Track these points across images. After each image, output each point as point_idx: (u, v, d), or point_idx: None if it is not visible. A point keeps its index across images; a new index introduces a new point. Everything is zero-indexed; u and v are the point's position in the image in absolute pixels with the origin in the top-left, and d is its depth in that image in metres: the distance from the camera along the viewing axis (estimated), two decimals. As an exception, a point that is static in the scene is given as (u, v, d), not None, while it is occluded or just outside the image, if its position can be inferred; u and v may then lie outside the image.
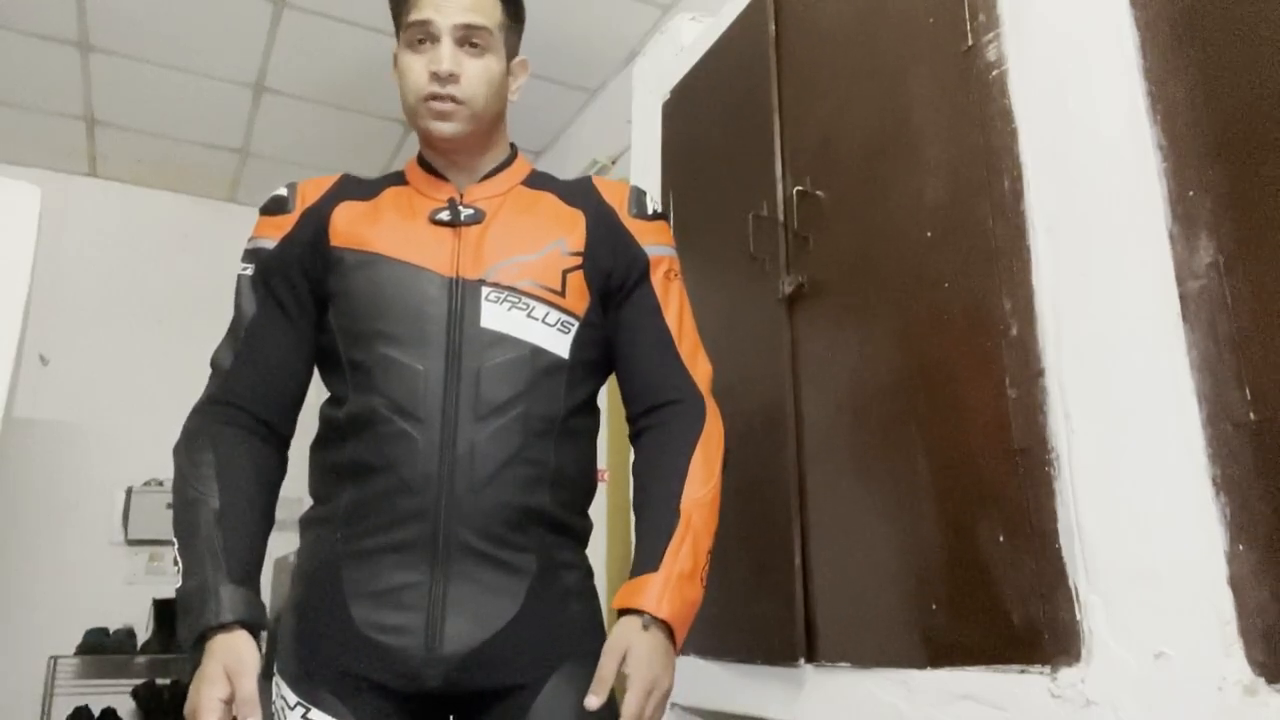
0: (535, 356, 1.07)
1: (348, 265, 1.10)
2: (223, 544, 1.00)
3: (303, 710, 1.00)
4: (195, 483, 1.04)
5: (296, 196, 1.15)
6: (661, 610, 0.99)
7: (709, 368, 1.18)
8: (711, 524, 1.07)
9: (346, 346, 1.09)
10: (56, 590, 3.75)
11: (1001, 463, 1.13)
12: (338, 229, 1.12)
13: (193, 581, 0.99)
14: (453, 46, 1.10)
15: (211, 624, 0.96)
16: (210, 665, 0.95)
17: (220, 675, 0.94)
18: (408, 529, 1.02)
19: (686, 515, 1.05)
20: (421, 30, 1.11)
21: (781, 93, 1.69)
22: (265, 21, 3.24)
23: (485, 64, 1.12)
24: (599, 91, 3.64)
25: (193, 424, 1.10)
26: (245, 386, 1.10)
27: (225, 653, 0.95)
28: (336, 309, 1.11)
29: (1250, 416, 0.89)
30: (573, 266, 1.12)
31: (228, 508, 1.03)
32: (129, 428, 3.89)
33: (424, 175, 1.18)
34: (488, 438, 1.04)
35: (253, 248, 1.15)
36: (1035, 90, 1.17)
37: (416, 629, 1.00)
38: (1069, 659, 1.02)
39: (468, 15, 1.11)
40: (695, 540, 1.04)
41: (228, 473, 1.05)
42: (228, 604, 0.97)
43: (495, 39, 1.14)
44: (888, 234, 1.38)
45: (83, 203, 4.14)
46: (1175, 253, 0.98)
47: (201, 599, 0.97)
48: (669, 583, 1.01)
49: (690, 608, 1.03)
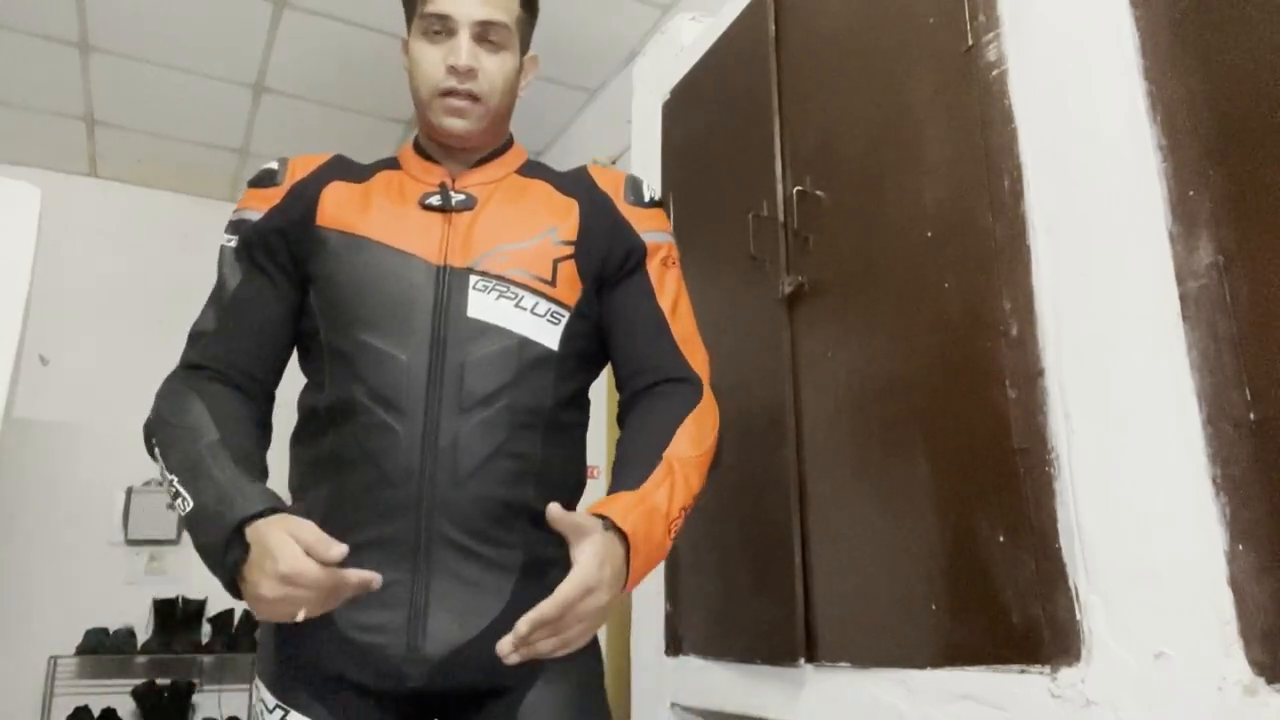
0: (523, 347, 1.05)
1: (332, 247, 1.07)
2: (232, 460, 0.94)
3: (282, 713, 0.98)
4: (186, 421, 0.99)
5: (286, 171, 1.13)
6: (626, 523, 0.92)
7: (706, 355, 1.15)
8: (693, 486, 1.01)
9: (327, 332, 1.06)
10: (56, 590, 3.75)
11: (1001, 463, 1.13)
12: (326, 209, 1.09)
13: (207, 494, 0.91)
14: (471, 42, 1.09)
15: (247, 514, 0.88)
16: (269, 541, 0.86)
17: (282, 536, 0.85)
18: (389, 524, 0.99)
19: (668, 462, 1.00)
20: (439, 22, 1.09)
21: (781, 93, 1.69)
22: (265, 21, 3.24)
23: (501, 61, 1.11)
24: (599, 91, 3.64)
25: (168, 386, 1.05)
26: (228, 353, 1.07)
27: (276, 528, 0.87)
28: (318, 292, 1.08)
29: (1250, 416, 0.89)
30: (564, 256, 1.10)
31: (228, 437, 0.97)
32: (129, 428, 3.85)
33: (417, 159, 1.16)
34: (471, 430, 1.00)
35: (237, 219, 1.12)
36: (1035, 90, 1.17)
37: (398, 627, 0.97)
38: (1069, 659, 1.02)
39: (488, 11, 1.09)
40: (674, 488, 0.98)
41: (219, 412, 1.00)
42: (256, 496, 0.90)
43: (512, 35, 1.12)
44: (888, 234, 1.38)
45: (83, 203, 4.14)
46: (1175, 253, 0.98)
47: (226, 501, 0.90)
48: (640, 505, 0.94)
49: (653, 546, 0.95)
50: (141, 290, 4.18)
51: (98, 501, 3.93)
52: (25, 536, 3.75)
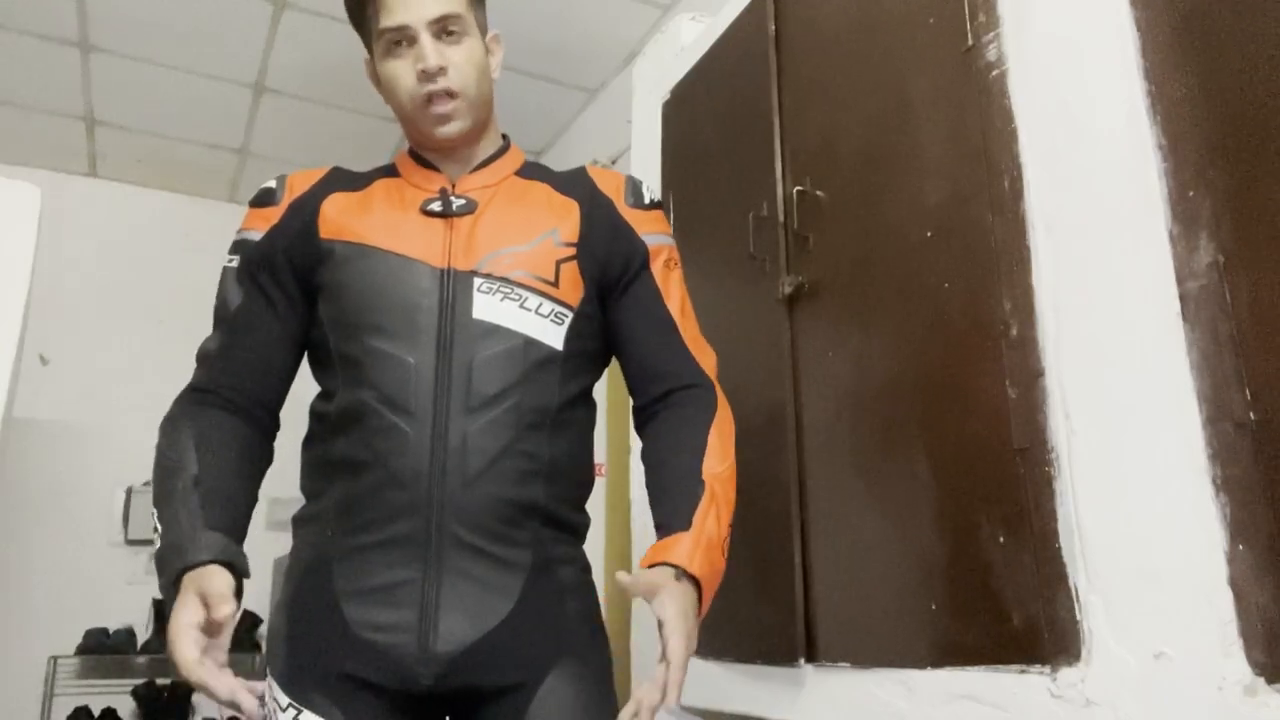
0: (528, 348, 1.06)
1: (338, 257, 1.09)
2: (200, 504, 0.99)
3: (294, 712, 0.99)
4: (172, 455, 1.03)
5: (285, 189, 1.15)
6: (694, 566, 0.97)
7: (713, 355, 1.17)
8: (731, 500, 1.05)
9: (336, 340, 1.08)
10: (56, 590, 3.74)
11: (1001, 463, 1.13)
12: (328, 221, 1.11)
13: (169, 538, 0.97)
14: (432, 41, 1.09)
15: (188, 564, 0.94)
16: (183, 595, 0.92)
17: (193, 600, 0.91)
18: (399, 524, 1.00)
19: (710, 486, 1.03)
20: (397, 34, 1.10)
21: (781, 92, 1.69)
22: (265, 21, 3.24)
23: (467, 49, 1.12)
24: (599, 91, 3.64)
25: (172, 411, 1.09)
26: (228, 376, 1.09)
27: (197, 581, 0.92)
28: (326, 301, 1.10)
29: (1250, 416, 0.89)
30: (566, 257, 1.11)
31: (205, 473, 1.01)
32: (129, 428, 3.88)
33: (415, 166, 1.17)
34: (479, 430, 1.02)
35: (239, 239, 1.14)
36: (1035, 90, 1.17)
37: (409, 627, 0.99)
38: (1069, 659, 1.02)
39: (438, 7, 1.10)
40: (719, 511, 1.02)
41: (205, 444, 1.04)
42: (204, 546, 0.95)
43: (468, 22, 1.13)
44: (888, 234, 1.38)
45: (83, 203, 4.13)
46: (1175, 253, 0.98)
47: (178, 549, 0.95)
48: (700, 543, 0.99)
49: (716, 576, 1.01)
50: (141, 290, 4.17)
51: (98, 501, 3.93)
52: (25, 536, 3.75)
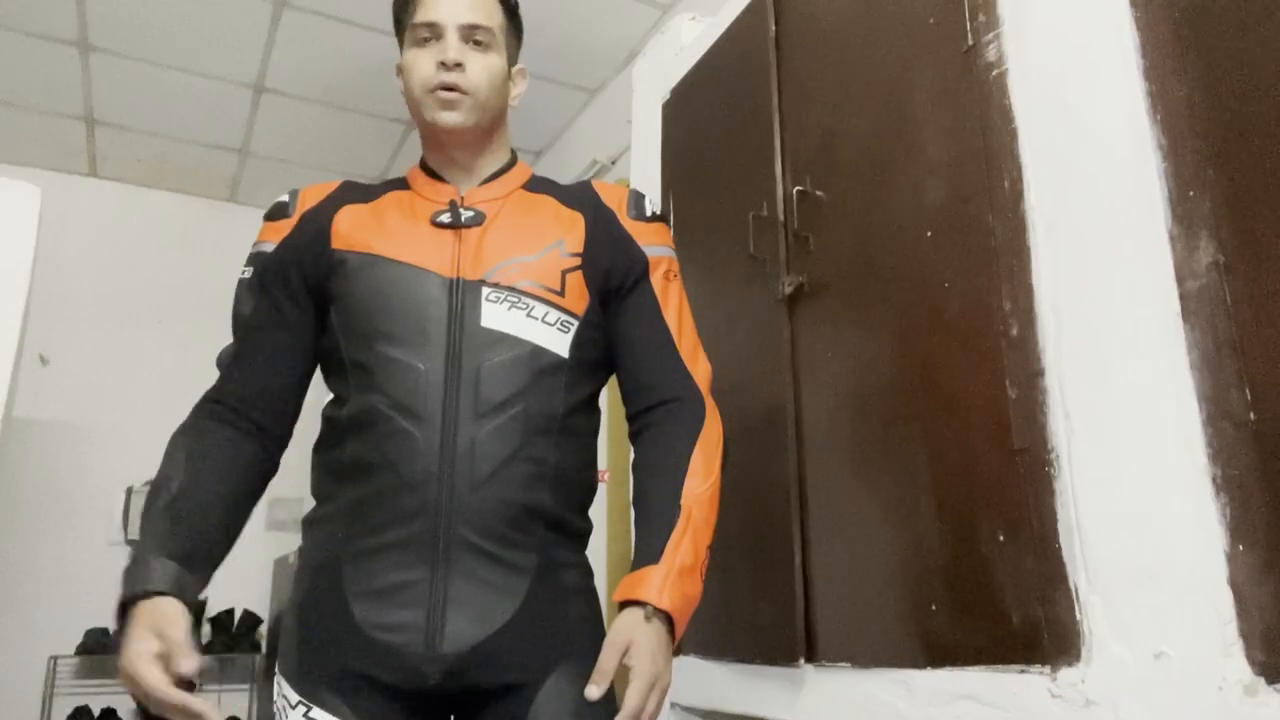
0: (535, 355, 1.09)
1: (350, 267, 1.12)
2: (169, 527, 1.00)
3: (304, 709, 1.01)
4: (166, 469, 1.06)
5: (297, 202, 1.19)
6: (663, 601, 1.00)
7: (708, 367, 1.19)
8: (711, 520, 1.08)
9: (348, 347, 1.11)
10: (56, 590, 3.75)
11: (1001, 463, 1.13)
12: (340, 232, 1.14)
13: (132, 558, 0.99)
14: (459, 42, 1.14)
15: (136, 592, 0.95)
16: (134, 627, 0.93)
17: (146, 632, 0.92)
18: (408, 527, 1.03)
19: (687, 510, 1.06)
20: (428, 29, 1.15)
21: (781, 92, 1.69)
22: (265, 21, 3.24)
23: (489, 60, 1.16)
24: (599, 91, 3.64)
25: (185, 421, 1.12)
26: (237, 386, 1.13)
27: (149, 613, 0.94)
28: (338, 310, 1.12)
29: (1250, 416, 0.89)
30: (572, 267, 1.14)
31: (184, 492, 1.03)
32: (129, 428, 3.89)
33: (425, 179, 1.20)
34: (488, 435, 1.04)
35: (255, 252, 1.18)
36: (1035, 90, 1.17)
37: (417, 626, 1.01)
38: (1069, 659, 1.02)
39: (473, 14, 1.15)
40: (695, 535, 1.05)
41: (195, 460, 1.06)
42: (156, 574, 0.96)
43: (498, 40, 1.18)
44: (888, 234, 1.38)
45: (83, 203, 4.14)
46: (1175, 253, 0.98)
47: (131, 575, 0.97)
48: (670, 575, 1.01)
49: (690, 603, 1.04)
50: (141, 290, 4.18)
51: (98, 501, 3.93)
52: (25, 536, 3.75)
